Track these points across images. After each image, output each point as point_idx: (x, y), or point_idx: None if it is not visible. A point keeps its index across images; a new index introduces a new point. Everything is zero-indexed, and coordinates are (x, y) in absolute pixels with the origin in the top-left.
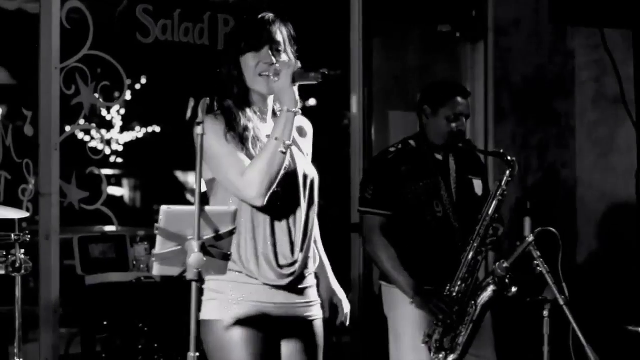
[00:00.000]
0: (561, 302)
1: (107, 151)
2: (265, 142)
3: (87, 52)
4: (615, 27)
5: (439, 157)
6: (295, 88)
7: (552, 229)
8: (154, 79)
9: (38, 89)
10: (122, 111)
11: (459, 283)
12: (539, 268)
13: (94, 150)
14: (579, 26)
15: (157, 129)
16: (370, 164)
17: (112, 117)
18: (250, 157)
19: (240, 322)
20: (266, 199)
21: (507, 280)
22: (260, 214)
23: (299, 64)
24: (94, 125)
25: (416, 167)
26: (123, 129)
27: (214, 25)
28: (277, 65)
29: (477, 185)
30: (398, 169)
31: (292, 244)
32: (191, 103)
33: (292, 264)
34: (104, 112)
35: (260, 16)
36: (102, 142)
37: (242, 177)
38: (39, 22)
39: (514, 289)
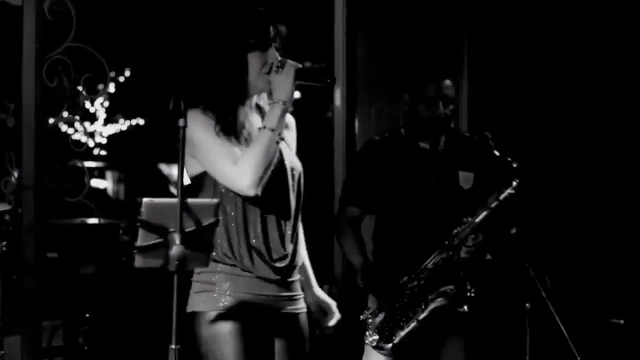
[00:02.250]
0: (543, 295)
1: (91, 143)
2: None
3: (69, 44)
4: (601, 21)
5: (426, 146)
6: (293, 85)
7: (535, 222)
8: (138, 71)
9: (20, 80)
10: (106, 103)
11: (421, 276)
12: (521, 261)
13: (77, 143)
14: (565, 20)
15: (141, 122)
16: (354, 153)
17: (96, 110)
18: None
19: (231, 314)
20: (259, 189)
21: (468, 293)
22: (251, 208)
23: (300, 64)
24: (77, 117)
25: (393, 157)
26: (106, 122)
27: (197, 18)
28: (282, 58)
29: (465, 178)
30: (372, 160)
31: (282, 237)
32: (173, 95)
33: (284, 258)
34: (87, 105)
35: (263, 13)
36: (85, 134)
37: (235, 166)
38: (22, 14)
39: (465, 308)
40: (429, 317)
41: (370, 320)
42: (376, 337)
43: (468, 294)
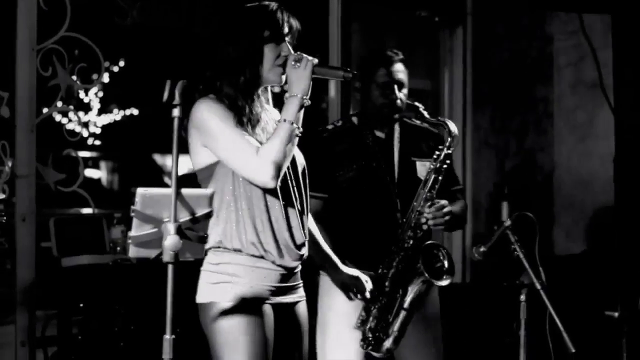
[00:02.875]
0: (538, 287)
1: (85, 133)
2: (271, 128)
3: (64, 33)
4: (594, 12)
5: (381, 134)
6: (310, 80)
7: (529, 213)
8: (132, 61)
9: (15, 70)
10: (100, 93)
11: (393, 264)
12: (515, 252)
13: (71, 132)
14: (558, 11)
15: (135, 112)
16: (304, 142)
17: (90, 100)
18: (259, 142)
19: (248, 305)
20: (279, 181)
21: (443, 267)
22: (272, 197)
23: (316, 59)
24: (71, 107)
25: (352, 147)
26: (100, 112)
27: (192, 8)
28: (298, 52)
29: (422, 166)
30: (331, 149)
31: (302, 225)
32: (167, 85)
33: (304, 245)
34: (81, 95)
35: (279, 7)
36: (79, 124)
37: (257, 159)
38: (17, 3)
39: (445, 281)
40: (414, 301)
41: (362, 328)
42: (372, 343)
43: (439, 264)
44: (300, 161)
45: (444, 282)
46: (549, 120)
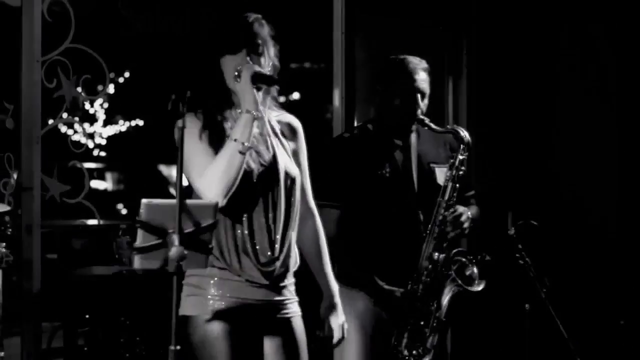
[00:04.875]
0: (542, 295)
1: (90, 144)
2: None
3: (68, 45)
4: (598, 20)
5: (399, 142)
6: (255, 90)
7: (533, 221)
8: (137, 72)
9: (19, 82)
10: (105, 105)
11: (422, 279)
12: (520, 261)
13: (76, 144)
14: (561, 19)
15: (141, 123)
16: (323, 151)
17: (96, 111)
18: None
19: (220, 318)
20: (226, 199)
21: (473, 273)
22: (238, 212)
23: (256, 67)
24: (76, 118)
25: (372, 154)
26: (106, 123)
27: (196, 19)
28: (239, 67)
29: (441, 173)
30: (348, 157)
31: (271, 242)
32: (172, 96)
33: (272, 262)
34: (87, 106)
35: (237, 17)
36: (84, 135)
37: (201, 178)
38: (21, 15)
39: (478, 287)
40: (448, 311)
41: (399, 347)
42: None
43: (469, 271)
44: (291, 174)
45: (478, 288)
46: (554, 128)
